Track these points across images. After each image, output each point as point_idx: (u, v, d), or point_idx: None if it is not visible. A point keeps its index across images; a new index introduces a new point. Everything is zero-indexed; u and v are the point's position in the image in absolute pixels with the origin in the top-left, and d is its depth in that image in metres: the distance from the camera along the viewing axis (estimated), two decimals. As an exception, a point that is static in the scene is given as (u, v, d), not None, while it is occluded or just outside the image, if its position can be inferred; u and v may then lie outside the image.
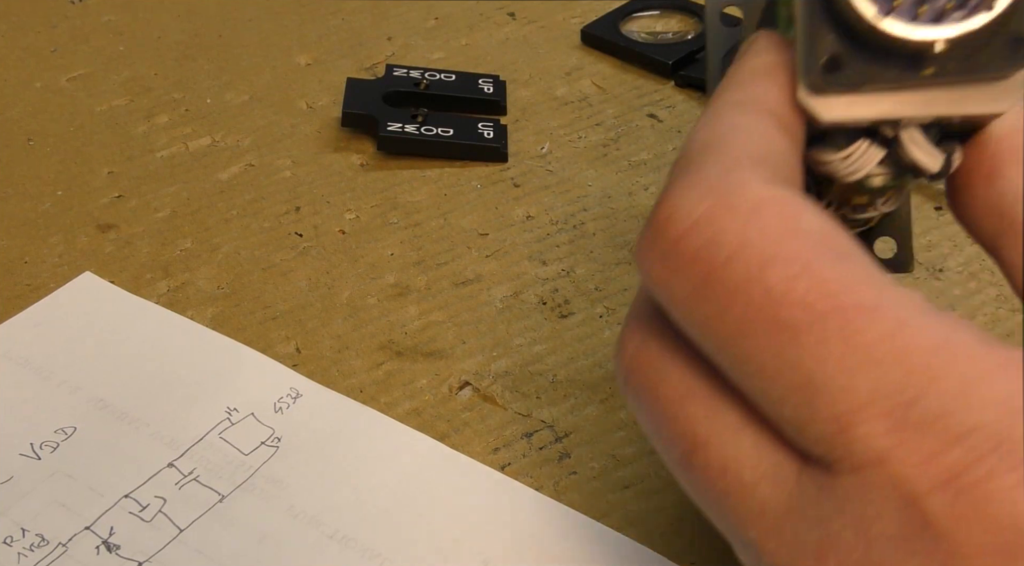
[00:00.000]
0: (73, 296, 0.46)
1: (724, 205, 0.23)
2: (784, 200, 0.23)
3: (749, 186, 0.23)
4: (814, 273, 0.22)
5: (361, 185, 0.51)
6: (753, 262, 0.22)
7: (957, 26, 0.24)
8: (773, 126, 0.25)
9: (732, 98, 0.26)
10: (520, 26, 0.61)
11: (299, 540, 0.37)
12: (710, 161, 0.24)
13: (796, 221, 0.22)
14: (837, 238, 0.23)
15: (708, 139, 0.25)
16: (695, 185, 0.23)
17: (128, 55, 0.60)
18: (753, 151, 0.24)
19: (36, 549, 0.37)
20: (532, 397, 0.41)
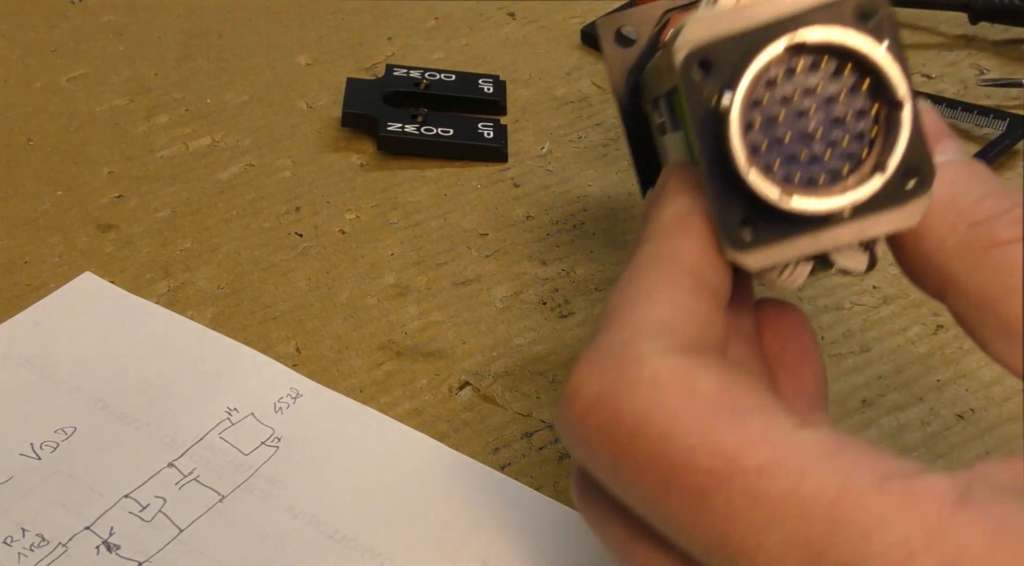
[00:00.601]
0: (73, 296, 0.46)
1: (623, 380, 0.24)
2: (680, 369, 0.24)
3: (646, 359, 0.24)
4: (712, 439, 0.23)
5: (361, 185, 0.51)
6: (655, 436, 0.24)
7: (859, 191, 0.26)
8: (685, 287, 0.26)
9: (649, 253, 0.27)
10: (520, 26, 0.61)
11: (299, 540, 0.37)
12: (614, 330, 0.25)
13: (692, 389, 0.24)
14: (736, 396, 0.24)
15: (619, 303, 0.26)
16: (597, 360, 0.25)
17: (128, 55, 0.60)
18: (657, 319, 0.25)
19: (36, 549, 0.37)
20: (532, 397, 0.41)
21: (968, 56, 0.56)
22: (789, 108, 0.26)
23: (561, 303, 0.45)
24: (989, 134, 0.50)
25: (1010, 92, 0.53)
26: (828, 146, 0.26)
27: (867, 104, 0.26)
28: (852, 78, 0.26)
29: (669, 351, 0.25)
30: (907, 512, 0.22)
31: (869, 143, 0.26)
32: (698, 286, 0.26)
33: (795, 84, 0.26)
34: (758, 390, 0.24)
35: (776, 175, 0.26)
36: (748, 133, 0.26)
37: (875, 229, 0.26)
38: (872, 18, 0.25)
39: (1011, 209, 0.26)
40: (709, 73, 0.26)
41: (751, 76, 0.25)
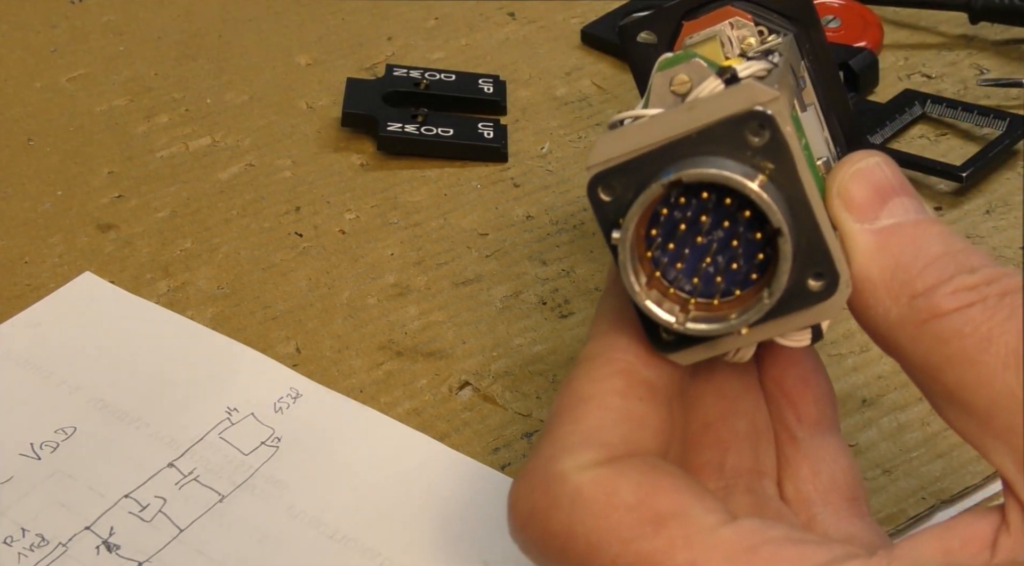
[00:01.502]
0: (73, 296, 0.46)
1: (548, 498, 0.26)
2: (599, 483, 0.25)
3: (568, 476, 0.26)
4: (632, 549, 0.25)
5: (361, 185, 0.51)
6: (581, 549, 0.25)
7: (750, 312, 0.26)
8: (615, 390, 0.27)
9: (587, 353, 0.28)
10: (520, 26, 0.61)
11: (299, 540, 0.37)
12: (545, 445, 0.27)
13: (611, 501, 0.25)
14: (655, 502, 0.25)
15: (556, 412, 0.27)
16: (528, 477, 0.27)
17: (128, 55, 0.60)
18: (583, 431, 0.27)
19: (36, 549, 0.37)
20: (532, 397, 0.41)
21: (968, 56, 0.56)
22: (681, 234, 0.27)
23: (561, 303, 0.45)
24: (989, 134, 0.50)
25: (1010, 92, 0.53)
26: (721, 268, 0.27)
27: (751, 230, 0.26)
28: (734, 207, 0.26)
29: (590, 465, 0.26)
30: None
31: (759, 265, 0.26)
32: (630, 386, 0.27)
33: (685, 212, 0.27)
34: (680, 490, 0.26)
35: (675, 294, 0.27)
36: (648, 255, 0.27)
37: (791, 326, 0.27)
38: (763, 132, 0.26)
39: (953, 277, 0.26)
40: (615, 194, 0.27)
41: (636, 215, 0.26)
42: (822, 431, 0.31)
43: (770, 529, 0.25)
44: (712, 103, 0.26)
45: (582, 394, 0.27)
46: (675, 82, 0.27)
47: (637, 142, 0.26)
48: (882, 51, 0.56)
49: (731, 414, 0.31)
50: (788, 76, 0.30)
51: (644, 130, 0.26)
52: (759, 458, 0.31)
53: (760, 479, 0.31)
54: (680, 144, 0.26)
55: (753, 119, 0.25)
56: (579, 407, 0.27)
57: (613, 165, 0.27)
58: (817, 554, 0.24)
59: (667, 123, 0.26)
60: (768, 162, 0.26)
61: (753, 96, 0.26)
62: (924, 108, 0.51)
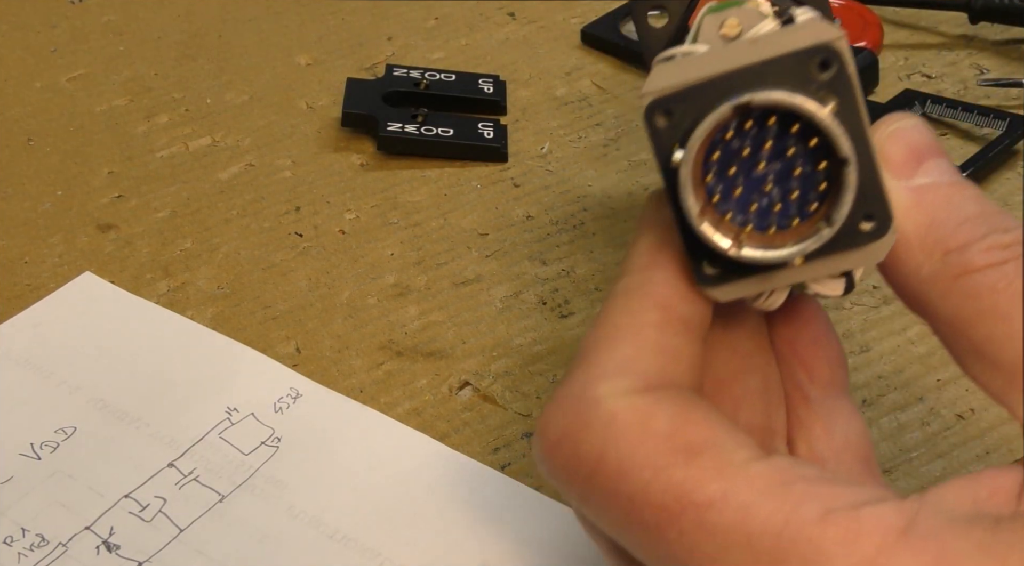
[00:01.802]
0: (73, 296, 0.46)
1: (581, 421, 0.26)
2: (635, 409, 0.25)
3: (603, 401, 0.26)
4: (663, 476, 0.25)
5: (361, 185, 0.51)
6: (611, 473, 0.25)
7: (807, 242, 0.26)
8: (651, 323, 0.27)
9: (623, 286, 0.28)
10: (520, 26, 0.61)
11: (299, 540, 0.37)
12: (580, 372, 0.27)
13: (645, 428, 0.25)
14: (689, 432, 0.25)
15: (589, 343, 0.28)
16: (562, 401, 0.27)
17: (128, 55, 0.60)
18: (619, 359, 0.27)
19: (36, 549, 0.37)
20: (532, 397, 0.41)
21: (968, 56, 0.56)
22: (742, 161, 0.27)
23: (561, 303, 0.45)
24: (989, 134, 0.50)
25: (1010, 92, 0.53)
26: (779, 197, 0.27)
27: (815, 159, 0.26)
28: (800, 135, 0.26)
29: (626, 392, 0.26)
30: (848, 545, 0.23)
31: (819, 196, 0.27)
32: (666, 320, 0.27)
33: (746, 139, 0.27)
34: (714, 425, 0.26)
35: (729, 223, 0.27)
36: (705, 182, 0.27)
37: (834, 268, 0.27)
38: (830, 68, 0.26)
39: (987, 235, 0.26)
40: (671, 121, 0.27)
41: (702, 136, 0.26)
42: (834, 392, 0.31)
43: (803, 467, 0.25)
44: (777, 38, 0.26)
45: (618, 325, 0.27)
46: (726, 25, 0.27)
47: (697, 72, 0.27)
48: (882, 51, 0.56)
49: (744, 371, 0.31)
50: None
51: (704, 61, 0.27)
52: (771, 417, 0.31)
53: (772, 438, 0.31)
54: (743, 74, 0.26)
55: (820, 53, 0.26)
56: (615, 337, 0.27)
57: (672, 92, 0.27)
58: (850, 494, 0.24)
59: (729, 55, 0.26)
60: (832, 96, 0.26)
61: (820, 32, 0.26)
62: (924, 108, 0.51)
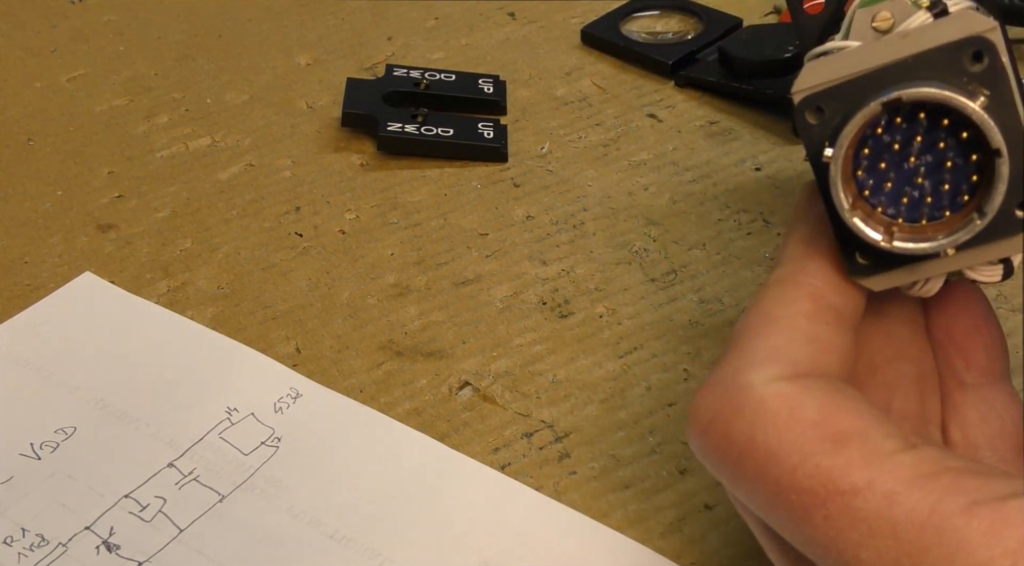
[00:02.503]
0: (73, 296, 0.46)
1: (731, 406, 0.27)
2: (784, 396, 0.26)
3: (754, 387, 0.27)
4: (811, 462, 0.25)
5: (361, 185, 0.51)
6: (760, 457, 0.26)
7: (959, 233, 0.27)
8: (803, 313, 0.28)
9: (776, 276, 0.29)
10: (520, 26, 0.61)
11: (299, 540, 0.37)
12: (731, 358, 0.28)
13: (794, 415, 0.26)
14: (837, 421, 0.26)
15: (742, 329, 0.28)
16: (713, 385, 0.27)
17: (128, 55, 0.60)
18: (770, 347, 0.27)
19: (36, 549, 0.37)
20: (532, 397, 0.41)
21: (968, 56, 0.56)
22: (892, 155, 0.27)
23: (561, 303, 0.45)
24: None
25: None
26: (930, 190, 0.27)
27: (967, 152, 0.27)
28: (951, 128, 0.26)
29: (776, 379, 0.27)
30: (992, 537, 0.23)
31: (970, 187, 0.27)
32: (818, 310, 0.28)
33: (897, 134, 0.27)
34: (863, 414, 0.26)
35: (880, 216, 0.27)
36: (856, 176, 0.27)
37: (989, 256, 0.27)
38: (982, 60, 0.26)
39: None
40: (822, 117, 0.27)
41: (852, 133, 0.27)
42: (992, 379, 0.31)
43: (950, 459, 0.25)
44: (928, 31, 0.26)
45: (771, 314, 0.28)
46: (878, 19, 0.28)
47: (847, 68, 0.27)
48: (882, 51, 0.56)
49: (898, 358, 0.31)
50: None
51: (853, 57, 0.27)
52: (925, 404, 0.31)
53: (926, 425, 0.31)
54: (893, 69, 0.26)
55: (972, 45, 0.26)
56: (767, 325, 0.28)
57: (823, 89, 0.27)
58: (999, 486, 0.24)
59: (879, 50, 0.27)
60: (984, 89, 0.26)
61: (972, 24, 0.26)
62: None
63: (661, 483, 0.38)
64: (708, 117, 0.54)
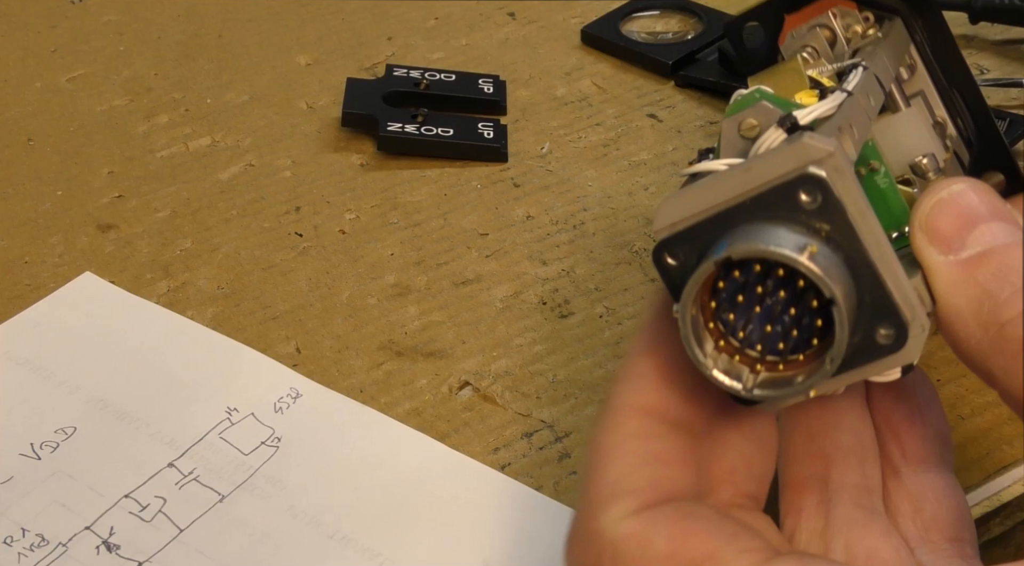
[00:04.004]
0: (73, 296, 0.46)
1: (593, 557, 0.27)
2: (634, 535, 0.26)
3: (606, 533, 0.26)
4: None
5: (361, 185, 0.51)
6: None
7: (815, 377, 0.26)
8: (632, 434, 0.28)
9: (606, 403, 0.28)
10: (520, 26, 0.61)
11: (299, 540, 0.37)
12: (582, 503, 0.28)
13: (647, 554, 0.26)
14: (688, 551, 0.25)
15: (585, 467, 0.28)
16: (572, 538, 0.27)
17: (128, 55, 0.60)
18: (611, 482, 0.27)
19: (36, 549, 0.37)
20: (532, 397, 0.41)
21: (968, 56, 0.56)
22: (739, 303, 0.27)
23: (561, 303, 0.45)
24: (989, 134, 0.50)
25: (1010, 92, 0.53)
26: (781, 333, 0.27)
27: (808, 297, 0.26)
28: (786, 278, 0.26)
29: (623, 517, 0.26)
30: None
31: (818, 331, 0.26)
32: (648, 428, 0.28)
33: (741, 283, 0.27)
34: (714, 535, 0.26)
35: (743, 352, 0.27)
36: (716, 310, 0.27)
37: (865, 376, 0.27)
38: (815, 198, 0.25)
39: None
40: (678, 261, 0.27)
41: (692, 292, 0.26)
42: (928, 468, 0.30)
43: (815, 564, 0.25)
44: (767, 163, 0.26)
45: (603, 446, 0.28)
46: (743, 127, 0.27)
47: (698, 205, 0.26)
48: (882, 51, 0.56)
49: (835, 428, 0.31)
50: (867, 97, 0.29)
51: (704, 192, 0.26)
52: (866, 473, 0.30)
53: (868, 495, 0.30)
54: (736, 210, 0.26)
55: (805, 183, 0.25)
56: (603, 458, 0.27)
57: (675, 232, 0.27)
58: None
59: (726, 185, 0.26)
60: (823, 223, 0.25)
61: (806, 155, 0.25)
62: (924, 108, 0.51)
63: (661, 483, 0.38)
64: (708, 117, 0.54)
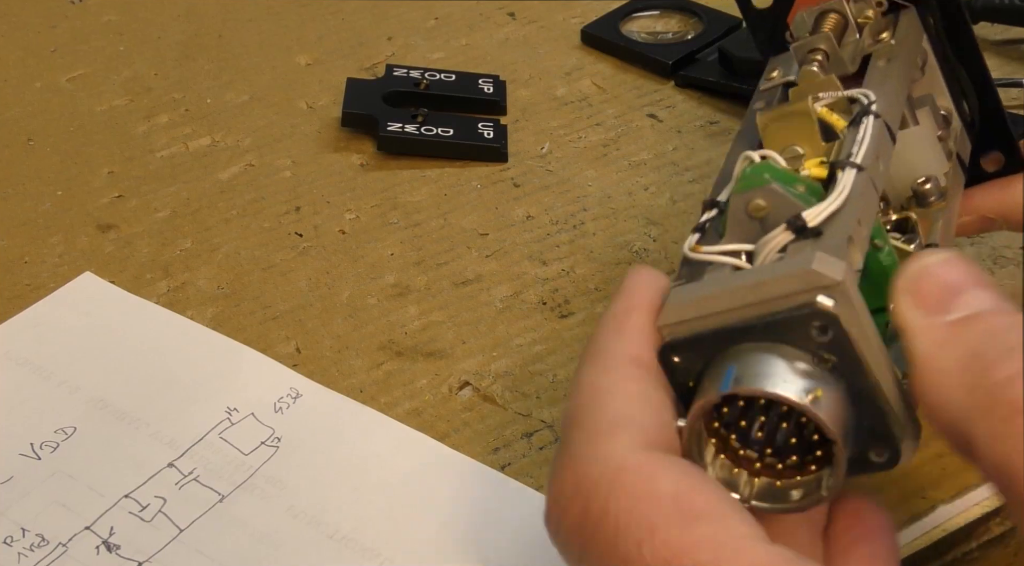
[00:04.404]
0: (73, 296, 0.46)
1: (590, 480, 0.26)
2: (642, 466, 0.25)
3: (612, 457, 0.26)
4: (659, 537, 0.25)
5: (361, 185, 0.51)
6: (610, 530, 0.25)
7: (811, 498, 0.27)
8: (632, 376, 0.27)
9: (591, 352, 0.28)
10: (520, 26, 0.61)
11: (299, 540, 0.37)
12: (576, 434, 0.27)
13: (650, 488, 0.25)
14: (693, 500, 0.25)
15: (576, 408, 0.27)
16: (566, 464, 0.26)
17: (128, 55, 0.60)
18: (616, 415, 0.27)
19: (36, 549, 0.37)
20: (532, 397, 0.41)
21: (968, 56, 0.56)
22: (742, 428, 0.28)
23: (561, 303, 0.45)
24: (989, 134, 0.50)
25: (1010, 92, 0.53)
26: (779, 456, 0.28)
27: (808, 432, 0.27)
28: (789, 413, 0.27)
29: (631, 447, 0.26)
30: None
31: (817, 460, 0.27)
32: (643, 377, 0.28)
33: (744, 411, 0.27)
34: (721, 498, 0.26)
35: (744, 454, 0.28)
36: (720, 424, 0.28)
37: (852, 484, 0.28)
38: (827, 332, 0.26)
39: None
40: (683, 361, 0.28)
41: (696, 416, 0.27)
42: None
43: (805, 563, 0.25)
44: (775, 284, 0.26)
45: (602, 386, 0.28)
46: (751, 207, 0.28)
47: (705, 309, 0.27)
48: (882, 51, 0.56)
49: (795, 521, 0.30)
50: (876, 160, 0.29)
51: (712, 298, 0.27)
52: None
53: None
54: (745, 328, 0.26)
55: (815, 317, 0.26)
56: (603, 397, 0.27)
57: (682, 337, 0.27)
58: None
59: (734, 297, 0.26)
60: (832, 355, 0.26)
61: (815, 280, 0.25)
62: (924, 108, 0.51)
63: (661, 483, 0.38)
64: (708, 117, 0.54)
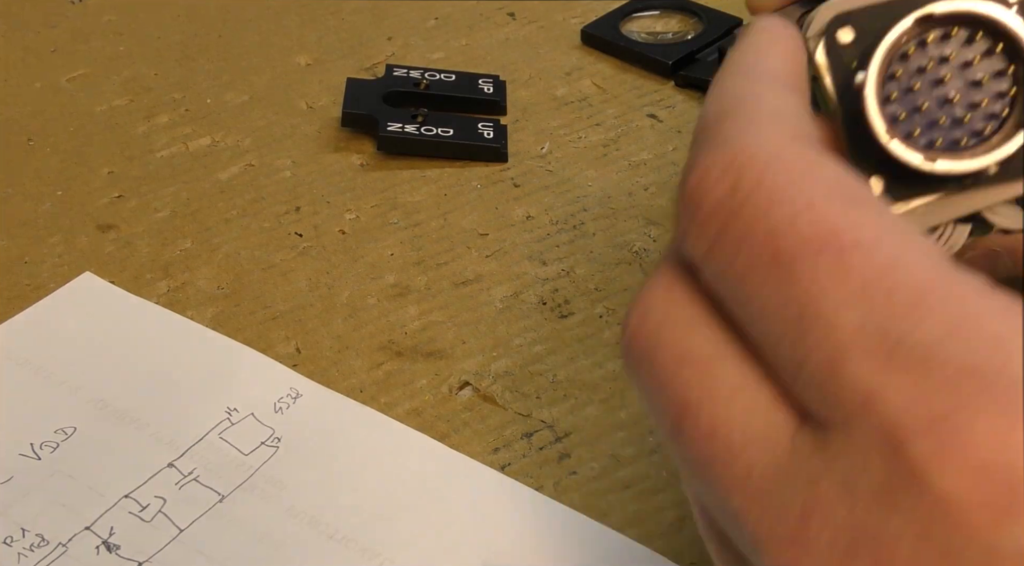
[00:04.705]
0: (73, 296, 0.46)
1: (746, 153, 0.23)
2: (803, 152, 0.23)
3: (768, 138, 0.23)
4: (816, 211, 0.22)
5: (361, 185, 0.51)
6: (762, 203, 0.22)
7: (1003, 148, 0.25)
8: (787, 86, 0.25)
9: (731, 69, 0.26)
10: (520, 26, 0.61)
11: (299, 540, 0.37)
12: (727, 123, 0.24)
13: (811, 170, 0.22)
14: (854, 188, 0.22)
15: (720, 109, 0.24)
16: (717, 147, 0.23)
17: (128, 55, 0.60)
18: (772, 109, 0.24)
19: (36, 549, 0.37)
20: (532, 397, 0.41)
21: (968, 56, 0.56)
22: (925, 77, 0.26)
23: (561, 303, 0.45)
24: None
25: (1010, 92, 0.53)
26: (968, 109, 0.26)
27: (1004, 64, 0.26)
28: (986, 42, 0.26)
29: (793, 137, 0.23)
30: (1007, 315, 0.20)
31: (1010, 102, 0.26)
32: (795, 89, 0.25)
33: (929, 54, 0.26)
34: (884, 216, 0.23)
35: (918, 141, 0.26)
36: (886, 104, 0.26)
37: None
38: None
39: None
40: (854, 37, 0.26)
41: (882, 55, 0.26)
42: None
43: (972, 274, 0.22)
44: None
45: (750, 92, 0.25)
46: None
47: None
48: (882, 51, 0.56)
49: None
50: None
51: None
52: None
53: None
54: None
55: None
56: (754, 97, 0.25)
57: (859, 6, 0.26)
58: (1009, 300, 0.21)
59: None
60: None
61: None
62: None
63: (661, 483, 0.38)
64: (708, 117, 0.54)
